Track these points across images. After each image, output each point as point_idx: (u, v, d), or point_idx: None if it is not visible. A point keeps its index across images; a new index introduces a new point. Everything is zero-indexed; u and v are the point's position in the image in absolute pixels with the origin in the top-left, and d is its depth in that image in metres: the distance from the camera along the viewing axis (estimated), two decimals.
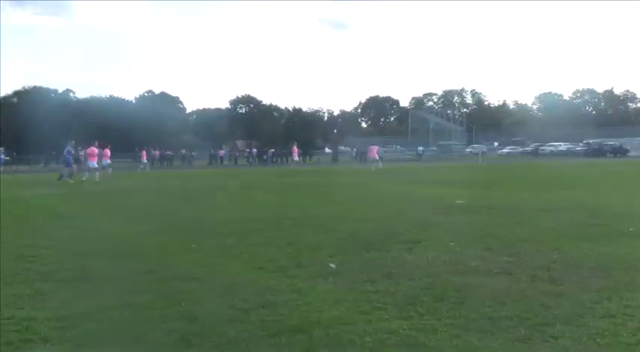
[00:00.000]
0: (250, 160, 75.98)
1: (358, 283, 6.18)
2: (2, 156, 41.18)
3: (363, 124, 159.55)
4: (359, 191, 20.24)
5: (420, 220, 11.03)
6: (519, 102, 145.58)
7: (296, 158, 52.46)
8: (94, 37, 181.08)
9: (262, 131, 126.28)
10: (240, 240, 9.06)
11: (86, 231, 10.76)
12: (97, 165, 32.04)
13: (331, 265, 7.07)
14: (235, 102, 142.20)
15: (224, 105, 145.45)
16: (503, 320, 4.90)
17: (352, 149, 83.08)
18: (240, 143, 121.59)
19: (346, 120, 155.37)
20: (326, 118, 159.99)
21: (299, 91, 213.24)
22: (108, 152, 38.62)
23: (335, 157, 75.61)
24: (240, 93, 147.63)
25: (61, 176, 30.63)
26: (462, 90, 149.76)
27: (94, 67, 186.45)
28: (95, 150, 32.71)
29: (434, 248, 8.05)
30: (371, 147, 45.87)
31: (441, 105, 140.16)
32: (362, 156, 72.13)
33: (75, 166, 33.25)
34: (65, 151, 32.55)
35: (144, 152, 50.37)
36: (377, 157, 43.60)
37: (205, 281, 6.41)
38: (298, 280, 6.36)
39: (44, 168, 65.43)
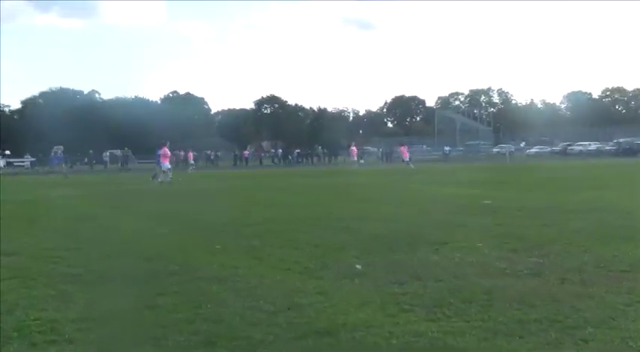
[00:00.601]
0: (275, 161, 76.17)
1: (385, 284, 6.15)
2: (29, 158, 41.87)
3: (389, 124, 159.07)
4: (384, 191, 20.17)
5: (446, 221, 10.96)
6: (547, 101, 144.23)
7: (354, 157, 50.69)
8: (118, 37, 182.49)
9: (287, 131, 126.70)
10: (266, 242, 9.06)
11: (106, 229, 10.84)
12: (169, 166, 33.05)
13: (357, 266, 7.04)
14: (260, 103, 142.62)
15: (249, 105, 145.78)
16: (532, 323, 4.83)
17: (378, 149, 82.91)
18: (265, 143, 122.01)
19: (372, 120, 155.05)
20: (351, 118, 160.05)
21: (324, 91, 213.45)
22: (191, 154, 41.58)
23: (360, 157, 75.45)
24: (265, 93, 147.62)
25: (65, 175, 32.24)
26: (489, 89, 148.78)
27: (119, 68, 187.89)
28: (168, 151, 33.77)
29: (461, 249, 7.97)
30: (401, 147, 45.75)
31: (467, 105, 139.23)
32: (388, 156, 72.09)
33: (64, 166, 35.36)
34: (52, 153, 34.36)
35: (190, 154, 50.32)
36: (407, 157, 43.44)
37: (231, 282, 6.41)
38: (324, 281, 6.34)
39: (69, 170, 66.14)
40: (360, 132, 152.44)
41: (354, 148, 52.21)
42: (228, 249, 8.55)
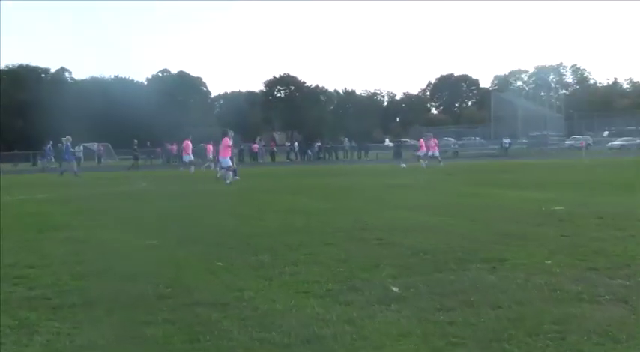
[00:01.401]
0: (291, 156, 76.30)
1: (428, 312, 6.12)
2: None
3: (433, 110, 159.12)
4: (427, 195, 20.12)
5: (506, 232, 10.90)
6: (635, 80, 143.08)
7: (421, 152, 47.72)
8: (95, 4, 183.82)
9: (306, 120, 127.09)
10: (279, 257, 9.07)
11: (80, 242, 10.91)
12: (192, 158, 35.25)
13: (394, 288, 7.02)
14: (272, 84, 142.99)
15: (257, 87, 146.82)
16: None
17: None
18: (278, 135, 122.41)
19: (412, 106, 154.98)
20: (386, 103, 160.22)
21: (351, 70, 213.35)
22: (211, 148, 43.98)
23: (397, 152, 75.32)
24: (278, 72, 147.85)
25: (62, 172, 32.45)
26: (560, 65, 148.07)
27: (95, 41, 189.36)
28: (190, 143, 36.20)
29: (524, 267, 7.93)
30: (431, 139, 45.40)
31: (532, 86, 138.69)
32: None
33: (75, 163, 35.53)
34: (64, 147, 34.85)
35: (210, 146, 50.98)
36: (437, 151, 43.27)
37: (235, 308, 6.41)
38: (352, 308, 6.32)
39: (33, 168, 66.68)
40: (397, 120, 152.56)
41: (434, 141, 48.95)
42: (232, 266, 8.57)
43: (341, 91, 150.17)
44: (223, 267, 8.49)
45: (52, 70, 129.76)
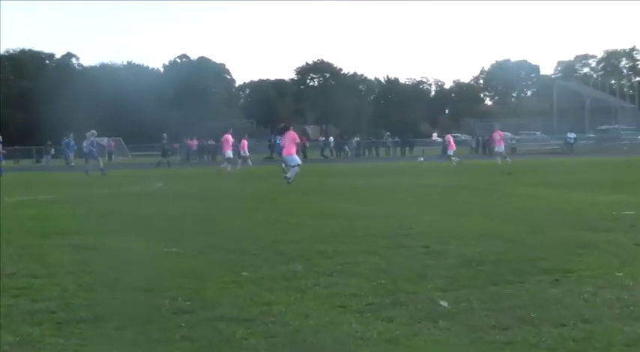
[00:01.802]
0: (326, 153, 76.26)
1: (482, 330, 6.10)
2: None
3: (487, 101, 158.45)
4: (480, 197, 20.04)
5: (570, 240, 10.85)
6: None
7: (500, 147, 45.65)
8: None
9: (342, 112, 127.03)
10: (313, 267, 9.09)
11: (88, 249, 10.99)
12: (231, 155, 35.97)
13: (442, 303, 7.00)
14: (304, 72, 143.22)
15: (288, 75, 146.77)
16: None
17: (471, 136, 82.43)
18: (311, 129, 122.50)
19: (462, 96, 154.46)
20: (433, 93, 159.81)
21: (394, 55, 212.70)
22: (245, 142, 45.25)
23: (446, 148, 75.10)
24: (312, 58, 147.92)
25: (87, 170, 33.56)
26: (633, 49, 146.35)
27: (104, 26, 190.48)
28: (230, 138, 36.91)
29: (592, 280, 7.88)
30: (495, 132, 45.31)
31: (601, 73, 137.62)
32: (485, 145, 71.58)
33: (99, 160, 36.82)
34: (87, 143, 35.75)
35: (244, 142, 51.46)
36: (502, 147, 43.08)
37: (262, 324, 6.42)
38: (395, 325, 6.31)
39: (36, 166, 67.30)
40: (446, 112, 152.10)
41: (499, 133, 47.15)
42: (260, 276, 8.60)
43: (382, 80, 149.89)
44: (250, 278, 8.51)
45: (57, 56, 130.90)
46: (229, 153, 42.21)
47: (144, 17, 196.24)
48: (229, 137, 43.36)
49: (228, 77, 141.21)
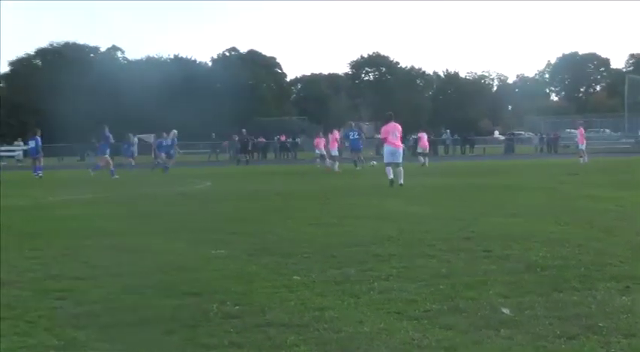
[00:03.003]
0: (382, 151, 76.06)
1: (546, 339, 6.06)
2: (36, 141, 43.27)
3: (553, 96, 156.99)
4: (544, 198, 19.88)
5: None
6: None
7: (583, 144, 45.80)
8: None
9: (399, 107, 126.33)
10: (367, 270, 9.09)
11: (133, 251, 11.09)
12: (337, 153, 36.44)
13: (504, 310, 6.97)
14: (359, 65, 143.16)
15: (342, 69, 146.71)
16: None
17: (536, 134, 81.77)
18: (366, 125, 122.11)
19: (527, 91, 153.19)
20: (495, 88, 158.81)
21: (454, 48, 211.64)
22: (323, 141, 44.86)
23: (509, 146, 74.71)
24: (367, 51, 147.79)
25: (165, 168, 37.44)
26: None
27: (150, 18, 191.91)
28: (337, 133, 37.53)
29: None
30: (577, 129, 45.18)
31: None
32: (551, 144, 71.03)
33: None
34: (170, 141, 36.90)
35: (318, 140, 51.63)
36: (584, 145, 42.86)
37: (314, 330, 6.45)
38: (454, 332, 6.30)
39: (81, 163, 68.02)
40: (509, 108, 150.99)
41: (582, 130, 47.56)
42: (312, 280, 8.62)
43: (442, 74, 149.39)
44: (301, 282, 8.54)
45: (102, 49, 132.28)
46: (335, 151, 42.07)
47: (192, 9, 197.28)
48: (336, 133, 43.56)
49: (279, 71, 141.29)
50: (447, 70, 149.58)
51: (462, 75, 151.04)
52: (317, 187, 26.17)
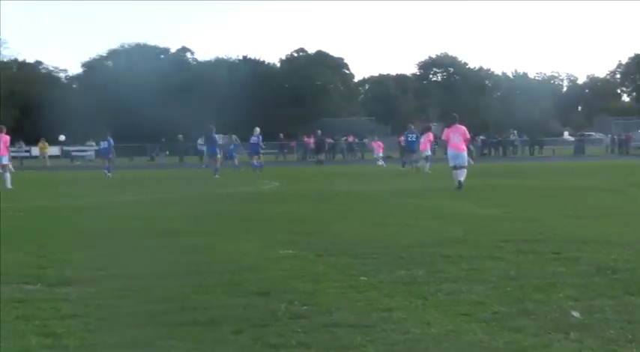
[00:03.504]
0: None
1: (617, 343, 5.99)
2: (108, 142, 43.89)
3: (625, 97, 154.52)
4: (616, 200, 19.66)
5: None
6: None
7: None
8: None
9: (467, 108, 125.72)
10: (435, 272, 9.06)
11: (201, 250, 11.18)
12: (430, 153, 37.32)
13: (574, 313, 6.90)
14: (427, 66, 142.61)
15: (410, 70, 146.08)
16: None
17: (607, 135, 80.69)
18: (434, 126, 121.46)
19: (597, 92, 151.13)
20: (565, 89, 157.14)
21: (523, 48, 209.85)
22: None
23: (579, 148, 73.79)
24: (435, 52, 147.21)
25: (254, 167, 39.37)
26: None
27: (219, 19, 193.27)
28: (432, 136, 38.34)
29: None
30: None
31: None
32: (623, 145, 70.06)
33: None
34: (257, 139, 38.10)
35: (378, 143, 51.61)
36: None
37: (381, 331, 6.43)
38: (523, 335, 6.25)
39: (151, 164, 68.82)
40: (579, 109, 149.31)
41: None
42: (379, 281, 8.61)
43: (510, 74, 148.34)
44: (368, 283, 8.54)
45: (172, 50, 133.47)
46: (427, 152, 41.85)
47: (260, 10, 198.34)
48: (430, 135, 43.40)
49: (347, 72, 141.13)
50: (515, 71, 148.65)
51: (531, 75, 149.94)
52: (384, 188, 26.12)
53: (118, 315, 7.21)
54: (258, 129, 45.25)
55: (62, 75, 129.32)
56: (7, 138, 29.68)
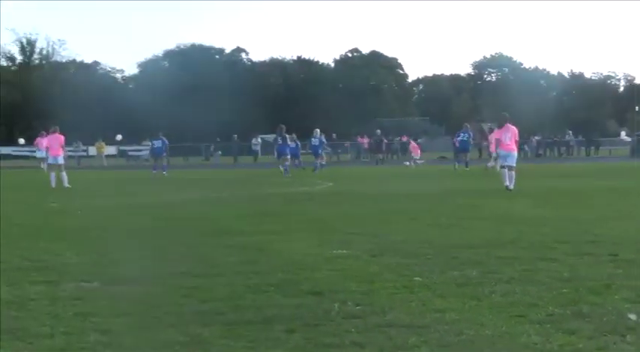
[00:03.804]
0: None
1: None
2: (161, 142, 44.29)
3: None
4: None
5: None
6: None
7: None
8: None
9: (522, 108, 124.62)
10: (489, 273, 9.03)
11: (257, 250, 11.22)
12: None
13: (631, 316, 6.83)
14: (481, 66, 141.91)
15: (464, 70, 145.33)
16: None
17: None
18: (488, 126, 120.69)
19: None
20: (622, 89, 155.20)
21: (579, 47, 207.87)
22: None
23: (637, 149, 72.75)
24: (489, 52, 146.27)
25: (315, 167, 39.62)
26: None
27: (274, 20, 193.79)
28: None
29: None
30: None
31: None
32: None
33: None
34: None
35: (414, 145, 51.70)
36: None
37: (435, 332, 6.43)
38: (578, 337, 6.20)
39: (205, 163, 69.25)
40: (637, 109, 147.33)
41: None
42: (433, 282, 8.60)
43: (566, 74, 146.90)
44: (422, 283, 8.53)
45: (227, 51, 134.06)
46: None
47: (314, 11, 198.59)
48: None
49: (401, 72, 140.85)
50: (571, 71, 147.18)
51: (587, 75, 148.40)
52: (438, 188, 26.02)
53: (172, 314, 7.28)
54: (318, 131, 45.42)
55: (119, 75, 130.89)
56: (62, 137, 30.11)
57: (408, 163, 49.57)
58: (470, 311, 7.18)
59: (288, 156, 39.39)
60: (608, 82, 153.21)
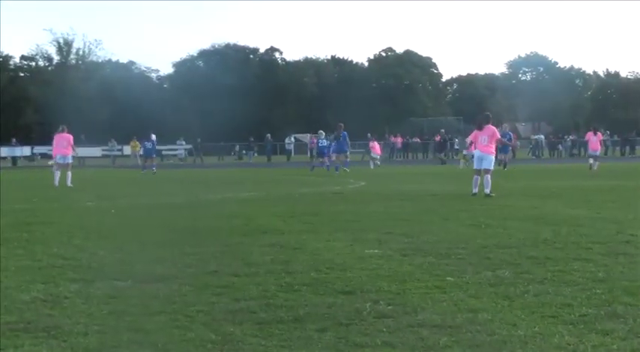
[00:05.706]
0: (537, 152, 74.80)
1: None
2: (152, 144, 45.12)
3: None
4: None
5: None
6: None
7: None
8: None
9: (557, 108, 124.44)
10: (522, 273, 9.00)
11: (290, 249, 11.23)
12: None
13: None
14: (516, 65, 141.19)
15: (499, 69, 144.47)
16: None
17: None
18: (522, 126, 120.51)
19: None
20: None
21: (615, 46, 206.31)
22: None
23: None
24: (524, 50, 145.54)
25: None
26: None
27: (308, 19, 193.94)
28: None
29: None
30: None
31: None
32: None
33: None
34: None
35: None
36: None
37: (467, 332, 6.42)
38: (612, 338, 6.16)
39: (239, 162, 69.45)
40: None
41: None
42: (465, 282, 8.59)
43: (602, 73, 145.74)
44: (454, 283, 8.51)
45: (261, 50, 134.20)
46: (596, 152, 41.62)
47: (348, 10, 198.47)
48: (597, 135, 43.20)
49: (435, 71, 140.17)
50: (607, 70, 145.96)
51: (623, 74, 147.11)
52: (469, 188, 25.88)
53: (204, 312, 7.30)
54: (323, 133, 46.00)
55: (154, 75, 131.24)
56: (70, 136, 30.81)
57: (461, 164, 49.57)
58: (502, 311, 7.16)
59: (348, 153, 40.12)
60: None
